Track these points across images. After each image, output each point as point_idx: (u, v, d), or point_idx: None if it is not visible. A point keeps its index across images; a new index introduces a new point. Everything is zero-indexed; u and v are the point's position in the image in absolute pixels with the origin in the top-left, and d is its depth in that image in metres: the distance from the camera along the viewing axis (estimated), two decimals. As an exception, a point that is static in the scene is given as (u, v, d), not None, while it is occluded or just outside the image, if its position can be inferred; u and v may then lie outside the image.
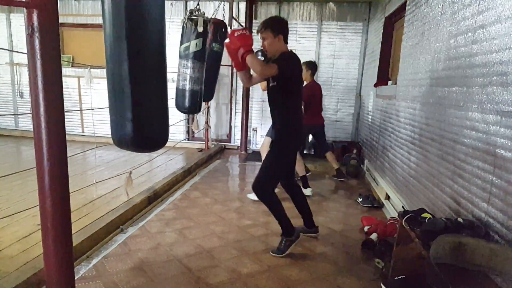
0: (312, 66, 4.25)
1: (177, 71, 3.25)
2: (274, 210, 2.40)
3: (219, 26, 3.71)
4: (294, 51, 2.41)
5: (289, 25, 2.44)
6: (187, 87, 3.18)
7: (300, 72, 2.42)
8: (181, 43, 3.16)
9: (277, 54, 2.37)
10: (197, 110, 3.39)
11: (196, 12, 3.13)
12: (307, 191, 3.71)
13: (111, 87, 1.61)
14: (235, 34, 2.20)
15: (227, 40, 2.26)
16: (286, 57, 2.34)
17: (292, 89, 2.39)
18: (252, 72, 2.42)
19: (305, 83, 4.12)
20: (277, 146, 2.45)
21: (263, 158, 3.92)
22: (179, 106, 3.30)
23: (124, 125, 1.62)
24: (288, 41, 2.45)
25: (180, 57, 3.17)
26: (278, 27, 2.36)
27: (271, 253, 2.41)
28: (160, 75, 1.68)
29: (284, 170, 2.53)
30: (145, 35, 1.56)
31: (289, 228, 2.43)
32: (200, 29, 3.07)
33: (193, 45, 3.11)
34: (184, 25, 3.14)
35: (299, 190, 2.71)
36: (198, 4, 3.19)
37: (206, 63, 3.24)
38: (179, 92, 3.23)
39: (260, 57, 3.48)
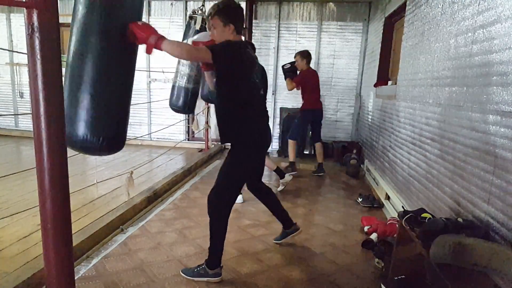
0: (307, 55, 4.42)
1: (176, 69, 3.23)
2: (217, 231, 2.07)
3: None
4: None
5: (289, 25, 2.37)
6: (186, 85, 3.16)
7: (251, 63, 2.00)
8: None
9: None
10: (192, 110, 3.37)
11: (199, 11, 3.13)
12: (287, 177, 3.91)
13: (68, 85, 1.57)
14: (135, 26, 1.59)
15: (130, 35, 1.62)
16: (225, 43, 1.89)
17: (239, 85, 1.94)
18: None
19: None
20: (232, 157, 2.08)
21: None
22: (174, 105, 3.26)
23: (77, 126, 1.56)
24: (289, 42, 2.41)
25: None
26: (230, 15, 1.94)
27: (181, 272, 2.10)
28: (123, 76, 1.63)
29: (244, 181, 2.20)
30: (113, 32, 1.53)
31: (216, 260, 2.07)
32: (198, 26, 3.07)
33: (190, 42, 3.12)
34: (187, 24, 3.14)
35: (269, 191, 2.49)
36: (203, 4, 3.19)
37: None
38: (176, 90, 3.21)
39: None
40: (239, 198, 3.68)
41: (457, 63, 2.16)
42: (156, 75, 6.06)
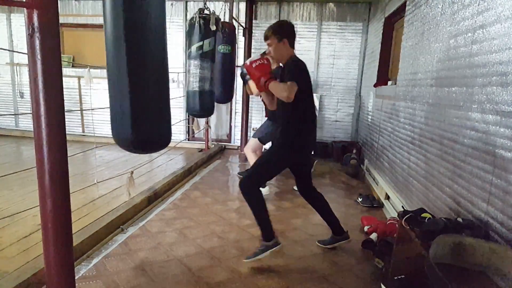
0: None
1: (187, 72, 3.18)
2: (257, 209, 2.26)
3: (225, 27, 3.70)
4: (294, 51, 2.40)
5: None
6: (206, 88, 3.12)
7: (308, 73, 2.32)
8: (191, 43, 3.08)
9: (283, 60, 2.32)
10: (212, 111, 3.34)
11: (206, 11, 3.08)
12: (263, 190, 3.65)
13: (111, 88, 1.61)
14: (253, 65, 2.20)
15: (247, 64, 2.25)
16: (297, 68, 2.23)
17: (304, 96, 2.24)
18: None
19: None
20: (279, 149, 2.37)
21: (249, 159, 3.94)
22: (193, 109, 3.21)
23: (124, 127, 1.61)
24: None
25: (191, 57, 3.09)
26: (281, 31, 2.28)
27: (245, 260, 2.25)
28: (161, 75, 1.67)
29: (276, 173, 2.47)
30: (144, 34, 1.55)
31: (269, 232, 2.27)
32: (213, 27, 3.02)
33: (207, 44, 3.06)
34: (196, 24, 3.04)
35: (319, 196, 2.55)
36: (205, 3, 3.16)
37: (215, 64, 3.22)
38: (193, 94, 3.15)
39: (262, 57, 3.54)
40: (266, 190, 3.71)
41: (457, 63, 2.16)
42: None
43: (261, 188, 3.58)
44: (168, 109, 1.76)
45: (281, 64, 2.44)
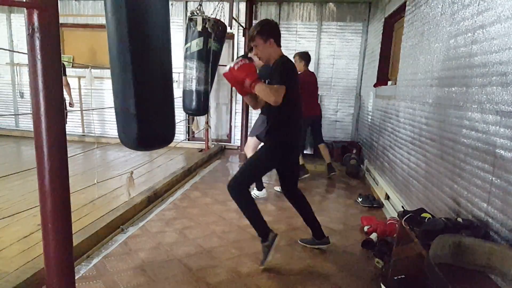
0: (305, 57, 4.27)
1: (183, 73, 3.25)
2: (247, 210, 2.24)
3: (216, 24, 3.71)
4: (294, 51, 2.39)
5: (289, 26, 2.41)
6: (194, 88, 3.17)
7: (296, 73, 2.31)
8: (184, 45, 3.17)
9: (271, 60, 2.26)
10: (205, 111, 3.37)
11: (197, 12, 3.13)
12: (260, 193, 3.66)
13: (115, 85, 1.60)
14: (235, 67, 2.07)
15: (226, 71, 2.12)
16: (286, 70, 2.18)
17: (290, 98, 2.19)
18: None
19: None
20: (265, 150, 2.32)
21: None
22: (187, 108, 3.27)
23: (129, 125, 1.60)
24: (288, 42, 2.43)
25: (184, 58, 3.17)
26: (266, 31, 2.22)
27: (261, 267, 2.24)
28: (164, 73, 1.67)
29: (264, 173, 2.49)
30: (148, 33, 1.55)
31: (264, 231, 2.26)
32: (199, 28, 3.07)
33: (194, 44, 3.12)
34: (187, 26, 3.14)
35: (303, 199, 2.53)
36: (200, 4, 3.18)
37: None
38: (186, 94, 3.22)
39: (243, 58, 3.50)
40: (263, 192, 3.70)
41: (457, 63, 2.17)
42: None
43: (258, 192, 3.66)
44: (173, 104, 1.76)
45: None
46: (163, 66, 1.67)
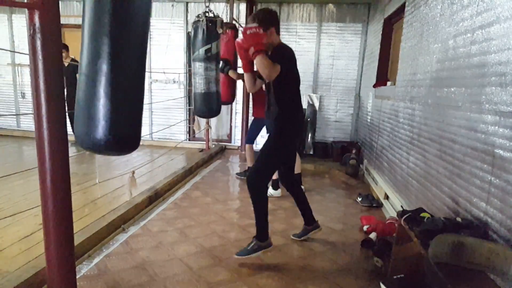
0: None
1: (194, 75, 3.22)
2: (260, 207, 2.29)
3: (227, 28, 3.74)
4: (280, 38, 2.39)
5: (289, 27, 2.43)
6: (214, 89, 3.16)
7: (295, 61, 2.36)
8: (197, 45, 3.10)
9: (270, 48, 2.28)
10: (219, 111, 3.40)
11: (210, 13, 3.10)
12: (276, 192, 3.74)
13: (87, 86, 1.39)
14: (248, 32, 2.08)
15: (239, 38, 2.18)
16: (282, 53, 2.25)
17: (290, 81, 2.31)
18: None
19: None
20: (276, 137, 2.35)
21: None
22: (206, 110, 3.25)
23: (100, 127, 1.40)
24: (288, 42, 2.44)
25: (200, 59, 3.11)
26: (267, 21, 2.25)
27: (235, 256, 2.30)
28: (141, 74, 1.51)
29: (281, 163, 2.51)
30: (129, 32, 1.39)
31: (264, 233, 2.31)
32: (220, 30, 3.06)
33: (215, 47, 3.10)
34: (203, 26, 3.03)
35: (300, 188, 2.70)
36: (208, 6, 3.17)
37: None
38: (205, 96, 3.18)
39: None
40: (278, 192, 3.74)
41: (456, 64, 2.17)
42: (157, 76, 6.08)
43: (273, 191, 3.69)
44: (142, 109, 1.58)
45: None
46: (140, 67, 1.50)
